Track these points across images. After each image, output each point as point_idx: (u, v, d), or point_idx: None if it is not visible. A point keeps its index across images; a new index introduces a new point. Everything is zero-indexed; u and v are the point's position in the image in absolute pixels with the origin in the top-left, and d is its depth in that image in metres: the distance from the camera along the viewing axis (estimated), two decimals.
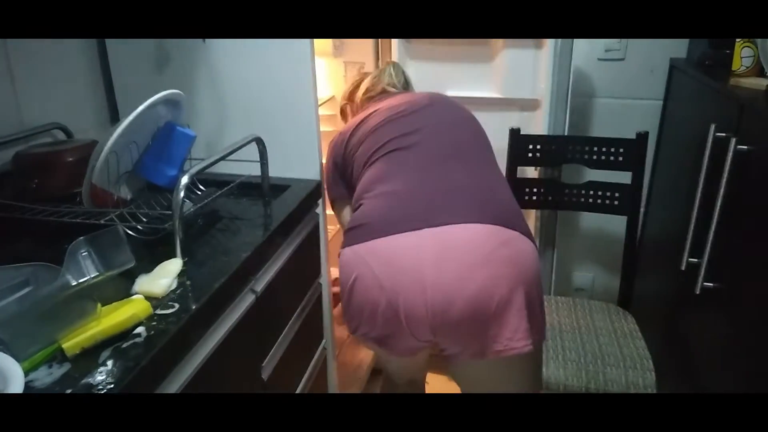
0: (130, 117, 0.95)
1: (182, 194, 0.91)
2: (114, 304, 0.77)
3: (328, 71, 1.80)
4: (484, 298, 0.93)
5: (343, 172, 1.26)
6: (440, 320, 0.95)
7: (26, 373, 0.65)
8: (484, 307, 0.94)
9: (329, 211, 1.40)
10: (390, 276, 0.95)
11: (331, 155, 1.30)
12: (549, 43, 1.55)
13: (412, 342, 1.01)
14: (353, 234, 1.02)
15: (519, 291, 0.95)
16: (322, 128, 1.37)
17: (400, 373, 1.30)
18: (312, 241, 1.33)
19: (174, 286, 0.84)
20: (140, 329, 0.73)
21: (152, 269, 0.87)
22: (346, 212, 1.28)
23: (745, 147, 1.02)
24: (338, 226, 1.94)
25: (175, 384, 0.76)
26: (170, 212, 0.92)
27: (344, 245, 1.04)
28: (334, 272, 1.69)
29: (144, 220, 1.00)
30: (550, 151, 1.59)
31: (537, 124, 1.65)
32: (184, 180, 0.92)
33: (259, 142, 1.17)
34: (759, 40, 1.19)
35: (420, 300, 0.94)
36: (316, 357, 1.39)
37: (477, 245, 0.95)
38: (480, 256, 0.94)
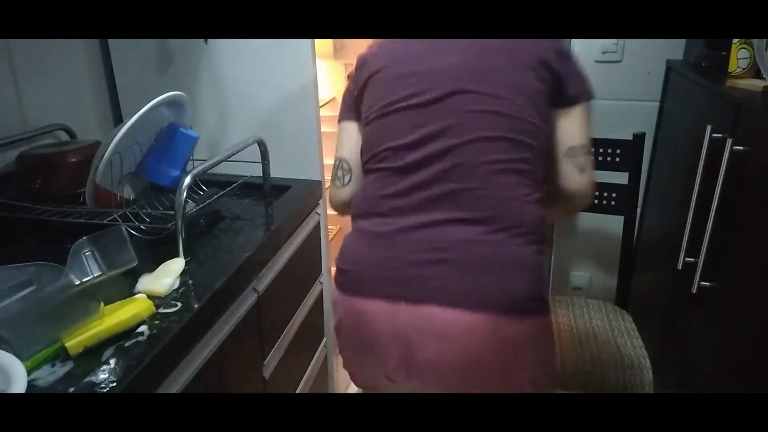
0: (134, 118, 0.96)
1: (185, 195, 0.92)
2: (117, 303, 0.78)
3: (329, 73, 1.81)
4: (464, 370, 0.85)
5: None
6: (412, 366, 0.86)
7: (29, 372, 0.65)
8: (465, 374, 0.85)
9: (330, 212, 1.41)
10: (358, 331, 0.89)
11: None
12: None
13: (383, 380, 0.92)
14: (340, 277, 0.91)
15: (509, 375, 0.86)
16: (323, 129, 1.38)
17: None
18: (313, 240, 1.33)
19: (176, 285, 0.85)
20: (143, 328, 0.74)
21: (155, 269, 0.88)
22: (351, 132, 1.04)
23: (741, 148, 1.03)
24: (338, 226, 1.95)
25: (177, 382, 0.77)
26: (173, 212, 0.93)
27: (334, 280, 0.93)
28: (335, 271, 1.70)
29: (147, 220, 1.01)
30: None
31: None
32: (187, 180, 0.93)
33: (261, 143, 1.18)
34: (755, 42, 1.19)
35: (388, 343, 0.85)
36: (316, 356, 1.39)
37: (462, 333, 0.81)
38: (462, 343, 0.81)
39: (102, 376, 0.65)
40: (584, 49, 1.74)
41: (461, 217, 0.84)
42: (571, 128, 0.96)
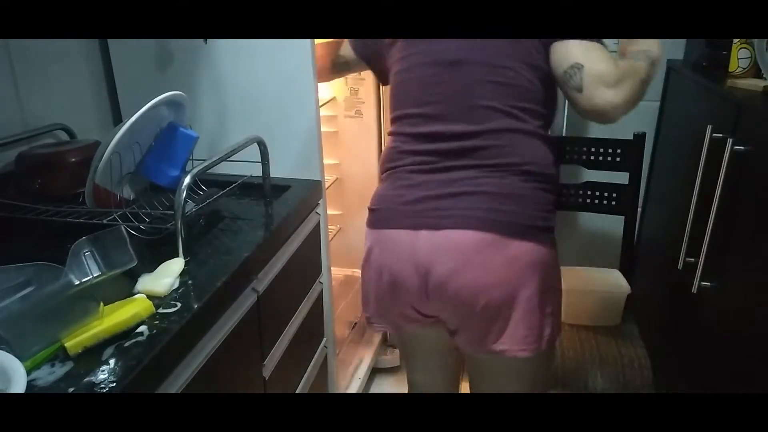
0: (133, 118, 0.96)
1: (184, 194, 0.92)
2: (116, 303, 0.77)
3: None
4: (477, 285, 0.96)
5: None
6: (430, 281, 0.97)
7: (29, 372, 0.65)
8: (477, 288, 0.96)
9: (330, 211, 1.41)
10: (385, 257, 1.03)
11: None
12: None
13: (409, 311, 1.04)
14: (370, 216, 1.07)
15: (516, 296, 0.96)
16: (323, 129, 1.38)
17: (427, 385, 1.26)
18: (313, 240, 1.33)
19: (176, 285, 0.84)
20: (142, 328, 0.74)
21: (154, 269, 0.87)
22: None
23: (742, 147, 1.03)
24: (338, 226, 1.95)
25: (177, 382, 0.76)
26: (172, 212, 0.92)
27: (366, 221, 1.08)
28: (335, 272, 1.70)
29: (146, 220, 1.00)
30: None
31: None
32: (186, 180, 0.93)
33: (261, 142, 1.18)
34: (756, 42, 1.19)
35: (409, 263, 0.98)
36: (316, 356, 1.39)
37: (473, 250, 0.95)
38: (473, 259, 0.95)
39: (101, 376, 0.65)
40: None
41: (473, 163, 0.99)
42: (564, 52, 1.00)
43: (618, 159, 1.54)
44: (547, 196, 1.01)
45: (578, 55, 0.97)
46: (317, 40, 1.30)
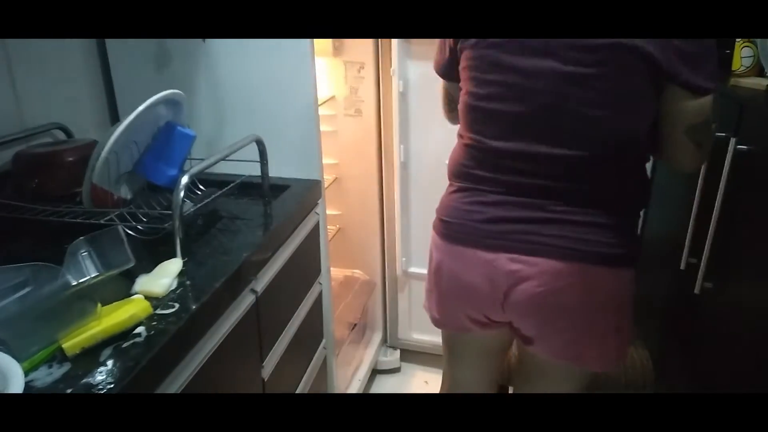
0: (131, 117, 0.96)
1: (182, 194, 0.91)
2: (114, 303, 0.77)
3: (328, 71, 1.80)
4: (556, 306, 0.96)
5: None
6: (508, 299, 0.97)
7: (26, 373, 0.65)
8: (556, 309, 0.97)
9: (329, 211, 1.40)
10: (458, 269, 1.02)
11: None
12: None
13: (479, 316, 1.04)
14: (442, 227, 1.04)
15: (595, 319, 0.98)
16: (322, 128, 1.37)
17: (469, 383, 1.25)
18: (312, 240, 1.33)
19: (174, 285, 0.84)
20: (140, 329, 0.73)
21: (152, 269, 0.87)
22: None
23: (745, 147, 1.02)
24: (338, 226, 1.94)
25: (175, 383, 0.76)
26: (170, 212, 0.92)
27: (435, 228, 1.06)
28: (334, 272, 1.70)
29: (144, 219, 1.00)
30: None
31: None
32: (184, 180, 0.92)
33: (259, 142, 1.17)
34: (759, 40, 1.19)
35: (486, 281, 0.98)
36: (316, 357, 1.39)
37: (554, 276, 0.94)
38: (554, 284, 0.95)
39: (99, 377, 0.65)
40: None
41: (554, 187, 0.94)
42: (698, 105, 0.91)
43: None
44: (629, 225, 1.00)
45: (709, 113, 0.92)
46: (323, 43, 1.27)
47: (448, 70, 1.08)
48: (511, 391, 1.36)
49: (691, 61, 0.86)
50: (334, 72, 1.79)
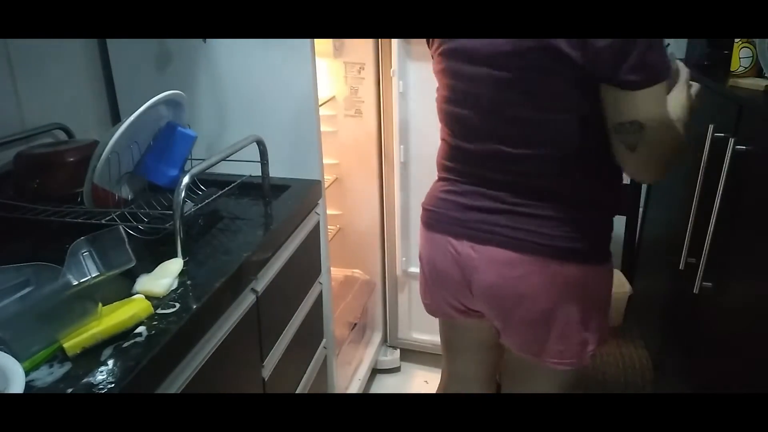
0: (132, 117, 0.96)
1: (183, 194, 0.91)
2: (115, 303, 0.77)
3: (329, 72, 1.80)
4: (516, 297, 0.98)
5: None
6: (473, 285, 1.00)
7: (27, 373, 0.65)
8: (517, 299, 0.98)
9: (330, 211, 1.41)
10: (433, 254, 1.06)
11: None
12: None
13: (456, 303, 1.08)
14: (423, 215, 1.10)
15: (555, 313, 0.97)
16: (323, 128, 1.37)
17: (466, 377, 1.27)
18: (312, 241, 1.33)
19: (175, 285, 0.84)
20: (141, 329, 0.74)
21: (153, 269, 0.87)
22: None
23: (744, 147, 1.03)
24: (338, 226, 1.95)
25: (176, 383, 0.76)
26: (171, 212, 0.92)
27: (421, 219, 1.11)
28: (335, 272, 1.70)
29: (145, 220, 1.00)
30: None
31: None
32: (185, 180, 0.92)
33: (260, 142, 1.17)
34: (757, 41, 1.19)
35: (454, 266, 1.02)
36: (316, 357, 1.39)
37: (512, 267, 0.96)
38: (512, 275, 0.97)
39: (100, 377, 0.65)
40: None
41: (519, 181, 0.96)
42: (623, 104, 0.85)
43: None
44: (590, 221, 0.97)
45: (639, 112, 0.83)
46: (323, 43, 1.29)
47: None
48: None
49: (614, 56, 0.80)
50: (335, 72, 1.80)
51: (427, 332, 1.94)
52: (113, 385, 0.63)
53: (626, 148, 0.86)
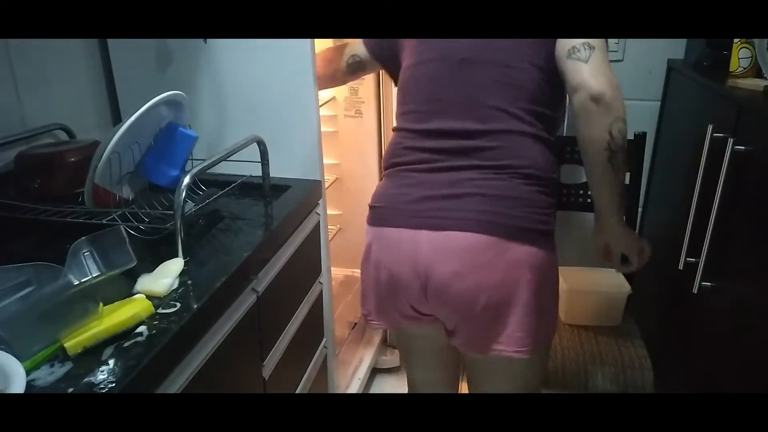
0: (132, 117, 0.96)
1: (184, 194, 0.92)
2: (116, 303, 0.77)
3: None
4: (477, 286, 0.97)
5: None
6: (429, 283, 0.98)
7: (28, 372, 0.65)
8: (477, 289, 0.97)
9: (330, 211, 1.41)
10: (383, 254, 1.04)
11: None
12: None
13: (407, 310, 1.05)
14: (371, 213, 1.08)
15: (514, 298, 0.97)
16: (323, 129, 1.38)
17: (426, 384, 1.28)
18: (313, 241, 1.33)
19: (175, 285, 0.84)
20: (142, 328, 0.74)
21: (154, 269, 0.87)
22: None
23: (743, 147, 1.03)
24: (338, 226, 1.95)
25: (176, 383, 0.76)
26: (172, 212, 0.92)
27: (367, 219, 1.09)
28: (335, 272, 1.70)
29: (146, 219, 1.00)
30: None
31: None
32: (186, 180, 0.93)
33: (260, 142, 1.17)
34: (756, 42, 1.19)
35: (408, 263, 1.00)
36: (316, 356, 1.39)
37: (474, 253, 0.96)
38: (474, 261, 0.96)
39: (101, 376, 0.65)
40: None
41: (475, 164, 1.00)
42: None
43: None
44: (548, 200, 1.02)
45: (591, 40, 0.96)
46: (322, 43, 1.29)
47: (384, 53, 1.26)
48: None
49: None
50: None
51: None
52: (114, 384, 0.63)
53: (579, 61, 0.96)
